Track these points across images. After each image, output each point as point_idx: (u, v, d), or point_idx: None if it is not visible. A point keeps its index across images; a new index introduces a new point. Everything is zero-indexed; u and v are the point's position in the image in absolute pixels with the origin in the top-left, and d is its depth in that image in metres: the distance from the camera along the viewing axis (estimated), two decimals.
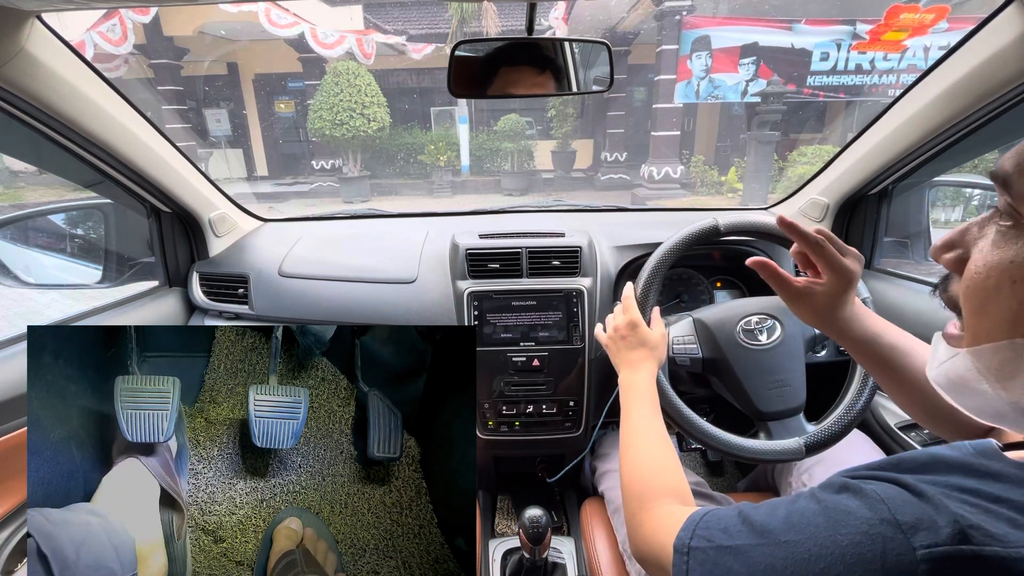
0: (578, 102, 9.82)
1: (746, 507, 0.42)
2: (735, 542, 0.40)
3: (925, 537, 0.31)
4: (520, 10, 0.73)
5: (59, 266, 1.17)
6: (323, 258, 1.14)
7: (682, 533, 0.45)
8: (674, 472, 0.59)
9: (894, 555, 0.32)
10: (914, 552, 0.31)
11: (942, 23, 6.44)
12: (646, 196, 8.48)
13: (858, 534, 0.33)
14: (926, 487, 0.34)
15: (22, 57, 0.64)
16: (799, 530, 0.36)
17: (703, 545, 0.42)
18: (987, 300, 0.35)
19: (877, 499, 0.34)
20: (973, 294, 0.37)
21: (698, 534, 0.43)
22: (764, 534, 0.38)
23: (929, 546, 0.31)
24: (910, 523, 0.32)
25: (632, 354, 0.75)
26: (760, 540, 0.38)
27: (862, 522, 0.34)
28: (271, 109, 10.89)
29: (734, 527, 0.41)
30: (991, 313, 0.35)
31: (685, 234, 0.82)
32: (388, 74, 9.91)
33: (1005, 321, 0.34)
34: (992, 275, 0.35)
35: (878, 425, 1.04)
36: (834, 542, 0.34)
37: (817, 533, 0.35)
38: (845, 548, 0.33)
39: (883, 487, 0.35)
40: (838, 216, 1.14)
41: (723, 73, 7.87)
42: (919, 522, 0.32)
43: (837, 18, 7.58)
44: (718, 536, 0.42)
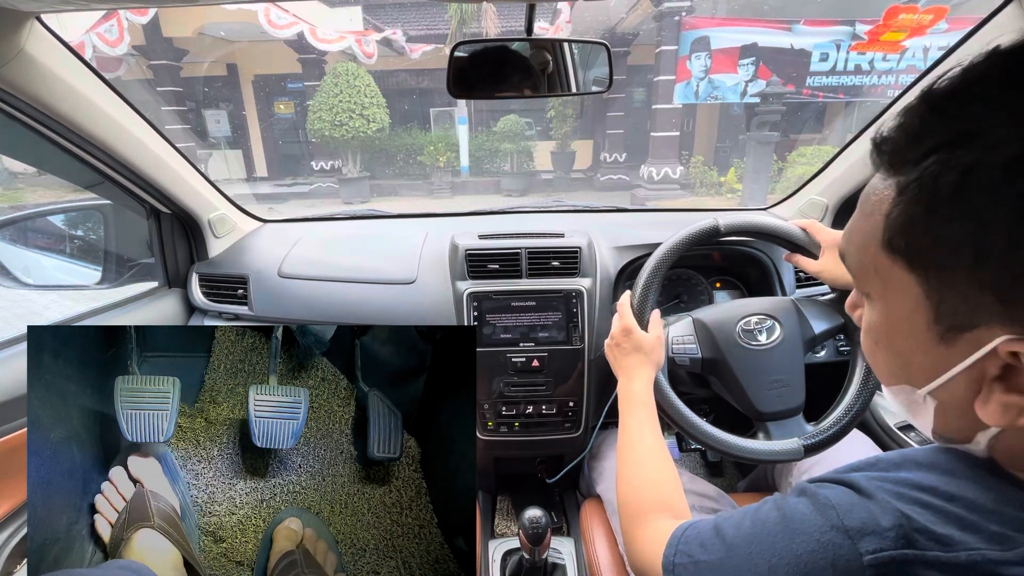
0: (577, 103, 9.82)
1: (721, 518, 0.44)
2: (710, 557, 0.42)
3: (871, 542, 0.32)
4: (519, 11, 0.73)
5: (59, 267, 1.17)
6: (323, 259, 1.14)
7: (667, 551, 0.46)
8: (668, 485, 0.60)
9: (843, 562, 0.33)
10: (861, 558, 0.32)
11: (941, 23, 6.45)
12: (645, 197, 8.48)
13: (811, 542, 0.35)
14: (876, 487, 0.35)
15: (21, 58, 0.64)
16: (760, 541, 0.39)
17: (685, 561, 0.44)
18: (872, 354, 0.40)
19: (828, 504, 0.36)
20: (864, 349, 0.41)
21: (680, 550, 0.45)
22: (732, 547, 0.41)
23: (874, 551, 0.32)
24: (857, 528, 0.33)
25: (627, 360, 0.75)
26: (728, 553, 0.41)
27: (814, 529, 0.35)
28: (270, 110, 10.89)
29: (709, 541, 0.43)
30: (879, 364, 0.40)
31: (685, 234, 0.82)
32: (387, 75, 9.91)
33: (891, 375, 0.39)
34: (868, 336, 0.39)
35: (877, 425, 1.04)
36: (791, 551, 0.36)
37: (776, 543, 0.37)
38: (800, 557, 0.35)
39: (834, 491, 0.37)
40: (837, 216, 1.15)
41: (722, 74, 7.88)
42: (865, 526, 0.33)
43: (836, 19, 7.59)
44: (696, 551, 0.44)
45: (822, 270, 0.80)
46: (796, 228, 0.83)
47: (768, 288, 1.08)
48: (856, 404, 0.78)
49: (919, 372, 0.35)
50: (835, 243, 0.79)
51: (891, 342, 0.36)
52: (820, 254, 0.81)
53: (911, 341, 0.34)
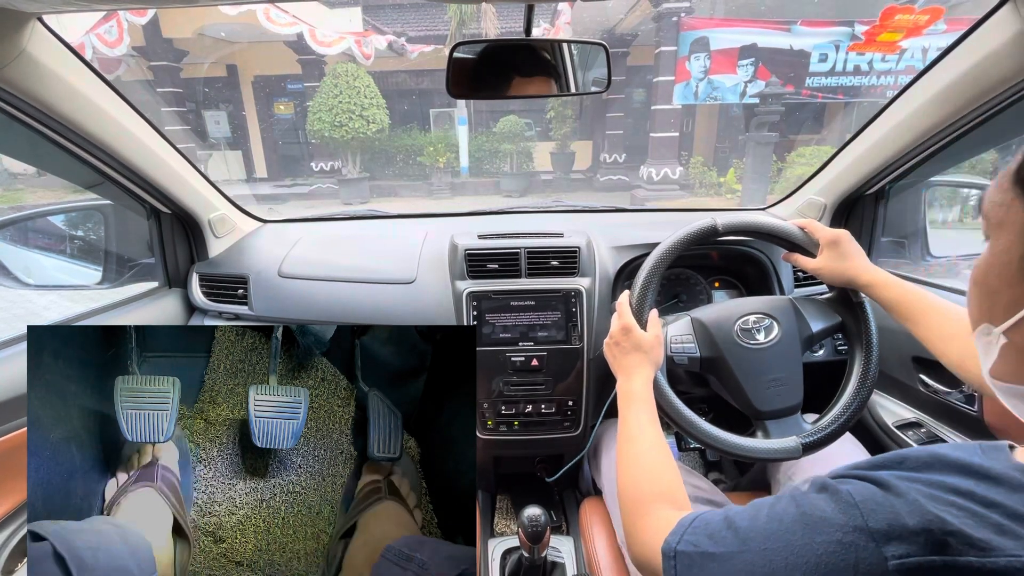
0: (577, 103, 9.82)
1: (732, 511, 0.43)
2: (719, 549, 0.41)
3: (897, 547, 0.31)
4: (519, 12, 0.73)
5: (59, 267, 1.17)
6: (322, 259, 1.14)
7: (670, 538, 0.45)
8: (669, 478, 0.60)
9: (866, 564, 0.32)
10: (886, 562, 0.31)
11: (938, 24, 6.46)
12: (645, 197, 8.49)
13: (832, 543, 0.34)
14: (906, 487, 0.33)
15: (23, 59, 0.64)
16: (777, 537, 0.37)
17: (689, 550, 0.43)
18: (969, 296, 0.39)
19: (851, 503, 0.34)
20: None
21: (686, 539, 0.44)
22: (746, 541, 0.39)
23: (901, 556, 0.31)
24: (882, 530, 0.32)
25: (626, 359, 0.76)
26: (741, 547, 0.39)
27: (836, 529, 0.34)
28: (270, 111, 10.89)
29: (719, 532, 0.42)
30: (972, 304, 0.39)
31: (683, 234, 0.82)
32: (387, 76, 9.91)
33: (979, 313, 0.38)
34: (971, 278, 0.38)
35: (876, 424, 1.04)
36: (810, 550, 0.34)
37: (794, 541, 0.36)
38: (820, 557, 0.34)
39: (859, 487, 0.35)
40: (835, 216, 1.15)
41: (721, 74, 7.89)
42: (891, 529, 0.32)
43: (835, 19, 7.60)
44: (704, 542, 0.42)
45: (820, 268, 0.80)
46: (794, 227, 0.83)
47: (766, 287, 1.08)
48: (854, 403, 0.78)
49: (1001, 309, 0.36)
50: (834, 241, 0.79)
51: (986, 278, 0.37)
52: (818, 252, 0.81)
53: (1002, 277, 0.35)
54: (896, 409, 1.02)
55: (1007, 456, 0.35)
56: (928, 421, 0.96)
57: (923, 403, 0.97)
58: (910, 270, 1.11)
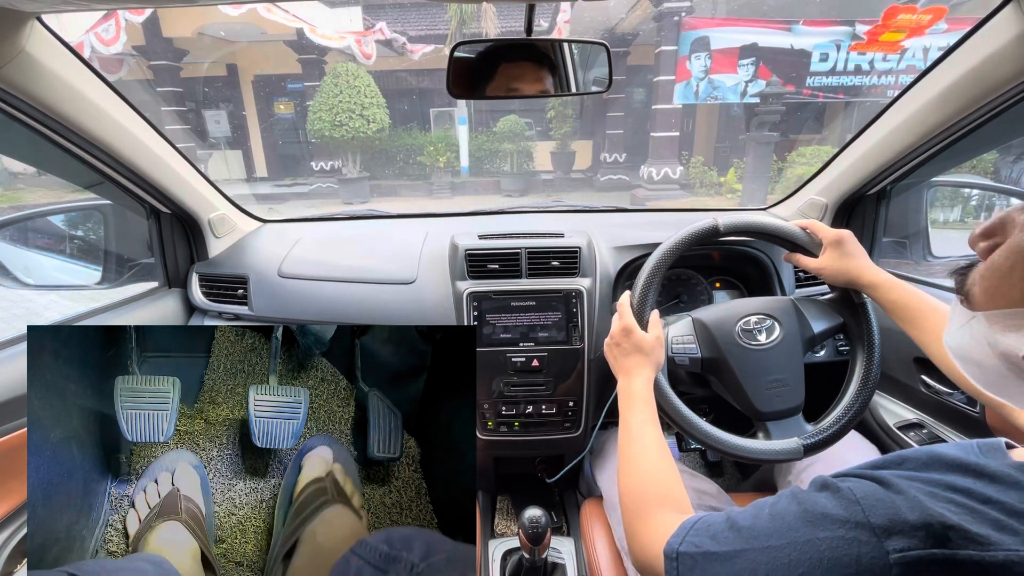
0: (577, 103, 9.82)
1: (734, 512, 0.43)
2: (722, 548, 0.41)
3: (898, 541, 0.32)
4: (519, 11, 0.73)
5: (59, 267, 1.17)
6: (323, 259, 1.14)
7: (672, 540, 0.45)
8: (670, 481, 0.60)
9: (868, 559, 0.32)
10: (887, 556, 0.32)
11: (940, 24, 6.45)
12: (645, 197, 8.49)
13: (834, 538, 0.34)
14: (906, 484, 0.34)
15: (22, 58, 0.64)
16: (780, 534, 0.37)
17: (691, 551, 0.43)
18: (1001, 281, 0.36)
19: (852, 499, 0.35)
20: (991, 274, 0.37)
21: (688, 540, 0.44)
22: (748, 539, 0.39)
23: (902, 550, 0.31)
24: (883, 526, 0.33)
25: (627, 360, 0.75)
26: (744, 546, 0.39)
27: (838, 525, 0.35)
28: (270, 110, 10.89)
29: (722, 533, 0.42)
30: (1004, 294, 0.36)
31: (684, 234, 0.82)
32: (387, 75, 9.91)
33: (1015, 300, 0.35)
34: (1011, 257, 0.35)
35: (877, 425, 1.04)
36: (812, 546, 0.35)
37: (796, 537, 0.36)
38: (823, 552, 0.34)
39: (859, 484, 0.36)
40: (837, 216, 1.15)
41: (722, 74, 7.88)
42: (892, 524, 0.32)
43: (836, 19, 7.60)
44: (706, 542, 0.43)
45: (823, 268, 0.80)
46: (795, 227, 0.83)
47: (768, 288, 1.08)
48: (855, 404, 0.78)
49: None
50: (837, 241, 0.79)
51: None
52: (821, 252, 0.81)
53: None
54: (898, 410, 1.02)
55: (1004, 455, 0.35)
56: (930, 422, 0.96)
57: (925, 404, 0.97)
58: (911, 270, 1.11)
